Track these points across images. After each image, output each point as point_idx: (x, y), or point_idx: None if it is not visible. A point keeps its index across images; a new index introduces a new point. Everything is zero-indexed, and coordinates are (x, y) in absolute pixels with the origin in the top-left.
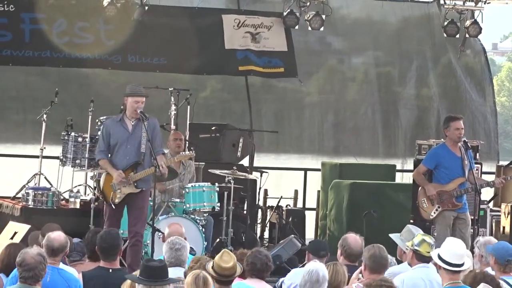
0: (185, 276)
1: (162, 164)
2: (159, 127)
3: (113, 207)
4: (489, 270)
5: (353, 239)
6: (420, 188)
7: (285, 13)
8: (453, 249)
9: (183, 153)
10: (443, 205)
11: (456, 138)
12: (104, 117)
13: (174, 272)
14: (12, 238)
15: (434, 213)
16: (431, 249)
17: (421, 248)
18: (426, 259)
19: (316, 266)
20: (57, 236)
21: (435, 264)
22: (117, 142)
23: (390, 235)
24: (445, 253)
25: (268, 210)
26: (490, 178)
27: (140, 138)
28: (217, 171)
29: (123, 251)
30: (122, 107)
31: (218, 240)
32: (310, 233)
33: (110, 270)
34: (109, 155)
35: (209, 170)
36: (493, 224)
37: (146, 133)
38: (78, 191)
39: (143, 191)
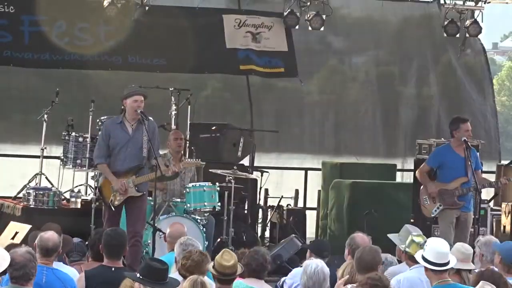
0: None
1: (170, 168)
2: (157, 131)
3: (113, 209)
4: None
5: (361, 238)
6: (422, 186)
7: (285, 13)
8: (437, 248)
9: (190, 160)
10: (445, 203)
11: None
12: (105, 117)
13: None
14: (13, 238)
15: (435, 211)
16: (420, 249)
17: (411, 249)
18: None
19: (317, 264)
20: (50, 235)
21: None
22: (117, 145)
23: (389, 235)
24: (429, 254)
25: (269, 209)
26: (491, 178)
27: (141, 141)
28: (218, 171)
29: None
30: (122, 107)
31: (219, 239)
32: (311, 233)
33: (113, 269)
34: (108, 156)
35: (209, 170)
36: (494, 223)
37: (147, 135)
38: (79, 191)
39: (143, 193)
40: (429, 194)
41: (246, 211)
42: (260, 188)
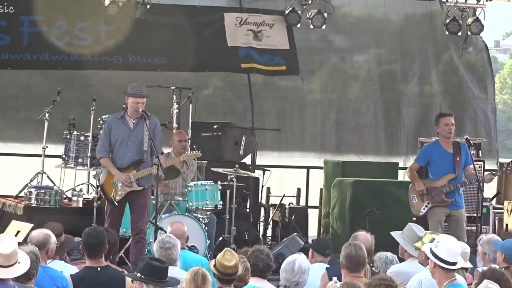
0: None
1: (169, 161)
2: (160, 126)
3: (115, 203)
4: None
5: (363, 236)
6: (410, 184)
7: (287, 11)
8: (450, 246)
9: (189, 152)
10: (432, 201)
11: (446, 134)
12: (106, 115)
13: None
14: (15, 237)
15: (424, 209)
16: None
17: None
18: None
19: (294, 257)
20: (38, 233)
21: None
22: (117, 139)
23: (392, 233)
24: (442, 251)
25: (271, 208)
26: None
27: (141, 136)
28: (220, 170)
29: (126, 248)
30: (124, 105)
31: (221, 238)
32: (313, 231)
33: (98, 269)
34: (110, 152)
35: (211, 169)
36: (496, 222)
37: (148, 131)
38: (80, 190)
39: (145, 188)
40: (417, 192)
41: (248, 210)
42: (262, 186)
